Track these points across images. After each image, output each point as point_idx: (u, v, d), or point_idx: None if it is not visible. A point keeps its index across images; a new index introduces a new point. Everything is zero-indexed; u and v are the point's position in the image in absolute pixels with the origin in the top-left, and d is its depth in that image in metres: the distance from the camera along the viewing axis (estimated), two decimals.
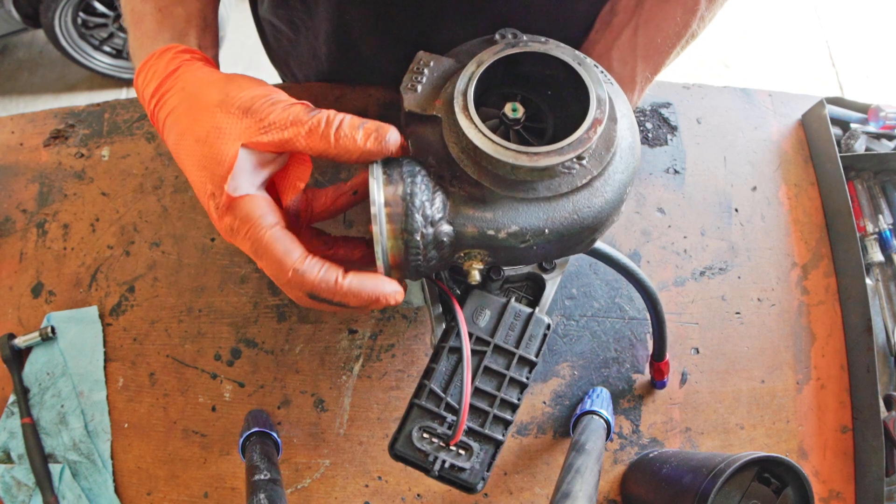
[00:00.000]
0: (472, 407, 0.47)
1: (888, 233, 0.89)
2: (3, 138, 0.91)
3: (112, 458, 0.76)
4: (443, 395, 0.47)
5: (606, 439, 0.71)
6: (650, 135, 0.93)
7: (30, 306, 0.82)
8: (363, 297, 0.43)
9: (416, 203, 0.43)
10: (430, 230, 0.44)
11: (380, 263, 0.44)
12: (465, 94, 0.45)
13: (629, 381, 0.81)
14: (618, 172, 0.46)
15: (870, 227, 0.89)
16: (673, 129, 0.94)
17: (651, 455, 0.76)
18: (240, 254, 0.84)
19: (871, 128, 0.93)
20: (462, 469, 0.45)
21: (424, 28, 0.75)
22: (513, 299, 0.52)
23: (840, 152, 0.88)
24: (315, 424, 0.77)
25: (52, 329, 0.80)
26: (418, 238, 0.43)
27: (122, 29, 2.06)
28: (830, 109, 0.92)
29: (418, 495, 0.75)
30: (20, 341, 0.79)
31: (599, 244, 0.59)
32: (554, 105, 0.51)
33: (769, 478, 0.60)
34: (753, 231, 0.89)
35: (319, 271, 0.43)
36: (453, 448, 0.45)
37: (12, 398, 0.78)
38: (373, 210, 0.43)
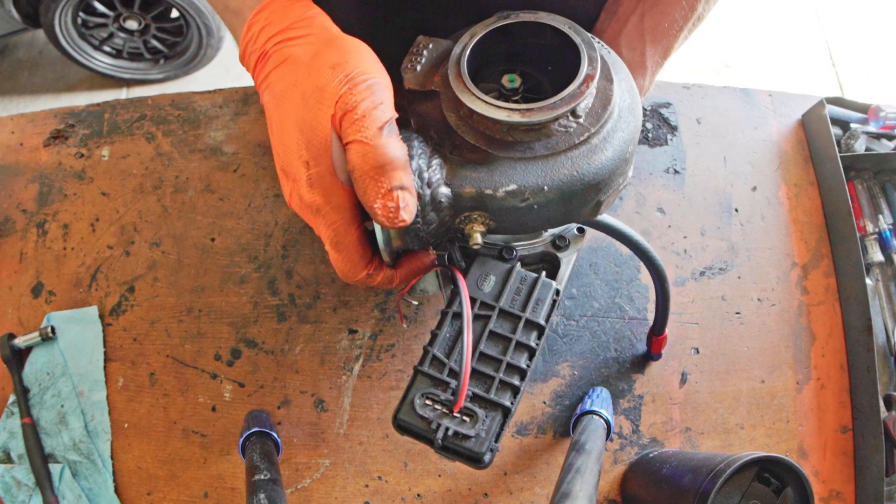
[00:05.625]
0: (476, 372, 0.45)
1: (888, 233, 0.89)
2: (3, 138, 0.91)
3: (112, 458, 0.76)
4: (446, 360, 0.46)
5: (606, 439, 0.71)
6: (650, 135, 0.93)
7: (30, 306, 0.82)
8: (412, 275, 0.49)
9: (413, 165, 0.43)
10: (428, 191, 0.44)
11: (378, 227, 0.44)
12: (458, 62, 0.46)
13: (629, 381, 0.81)
14: (618, 131, 0.46)
15: (870, 227, 0.89)
16: (673, 129, 0.94)
17: (651, 455, 0.76)
18: (240, 253, 0.84)
19: (871, 128, 0.93)
20: (467, 437, 0.42)
21: (425, 31, 0.75)
22: (518, 265, 0.51)
23: (840, 152, 0.88)
24: (315, 424, 0.77)
25: (52, 329, 0.80)
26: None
27: (122, 29, 2.06)
28: (830, 109, 0.92)
29: (418, 495, 0.75)
30: (20, 341, 0.79)
31: (608, 219, 0.59)
32: (555, 81, 0.52)
33: (769, 478, 0.60)
34: (753, 231, 0.89)
35: (383, 274, 0.48)
36: (457, 415, 0.43)
37: (12, 398, 0.78)
38: None
